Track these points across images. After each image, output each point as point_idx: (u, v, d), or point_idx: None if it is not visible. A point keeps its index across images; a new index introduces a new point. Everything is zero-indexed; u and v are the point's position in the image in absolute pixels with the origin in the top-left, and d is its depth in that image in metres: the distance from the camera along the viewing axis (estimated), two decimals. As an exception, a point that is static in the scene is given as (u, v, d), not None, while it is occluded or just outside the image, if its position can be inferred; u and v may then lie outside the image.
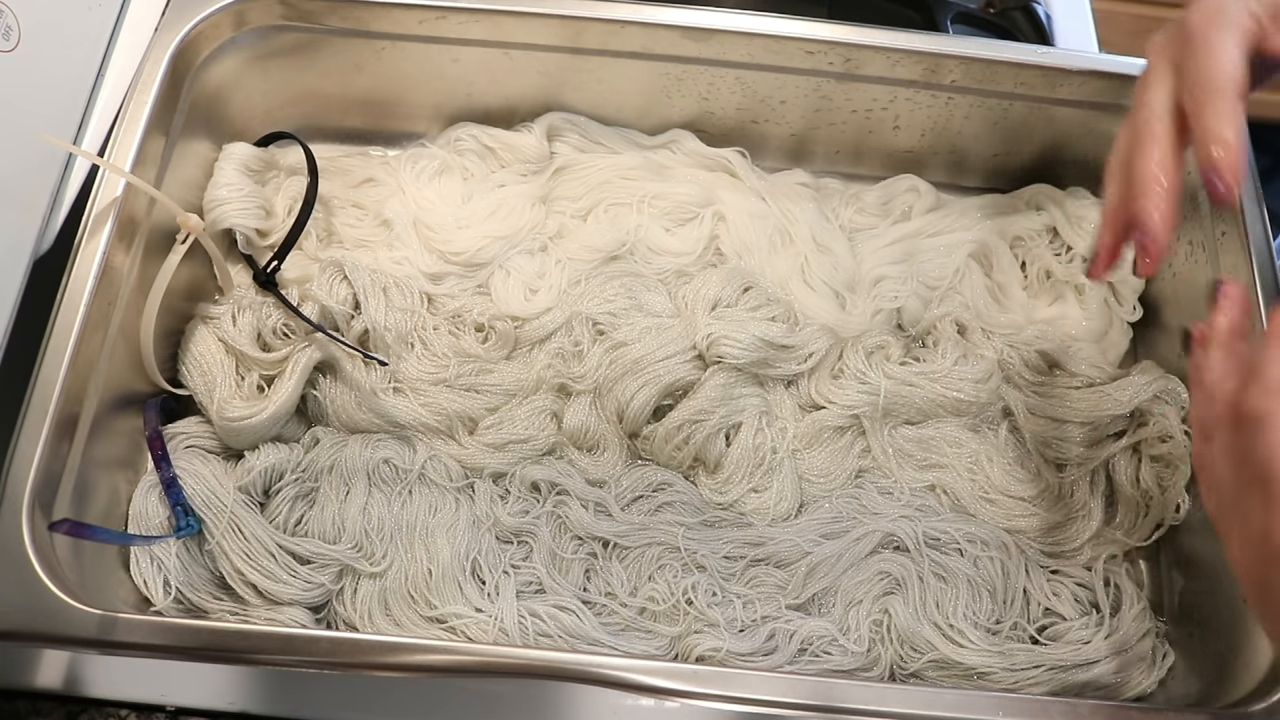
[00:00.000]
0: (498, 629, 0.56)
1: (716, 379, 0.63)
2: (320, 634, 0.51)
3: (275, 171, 0.69)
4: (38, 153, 0.57)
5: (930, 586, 0.59)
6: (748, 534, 0.61)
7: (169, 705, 0.58)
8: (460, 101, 0.72)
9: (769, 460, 0.63)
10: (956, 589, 0.59)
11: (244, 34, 0.66)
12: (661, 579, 0.59)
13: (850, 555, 0.60)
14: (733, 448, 0.63)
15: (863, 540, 0.61)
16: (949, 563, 0.60)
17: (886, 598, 0.59)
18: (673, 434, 0.62)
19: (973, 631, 0.58)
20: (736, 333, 0.63)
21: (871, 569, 0.60)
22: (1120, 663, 0.58)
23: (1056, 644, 0.58)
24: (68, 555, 0.52)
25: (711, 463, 0.63)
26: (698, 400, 0.62)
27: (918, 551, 0.60)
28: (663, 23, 0.66)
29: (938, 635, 0.58)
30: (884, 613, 0.59)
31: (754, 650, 0.57)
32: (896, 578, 0.60)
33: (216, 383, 0.60)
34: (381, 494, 0.60)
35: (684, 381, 0.63)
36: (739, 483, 0.62)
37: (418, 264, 0.66)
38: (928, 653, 0.57)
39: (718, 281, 0.66)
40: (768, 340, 0.63)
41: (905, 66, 0.67)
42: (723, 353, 0.63)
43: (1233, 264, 0.62)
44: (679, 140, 0.72)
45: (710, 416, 0.62)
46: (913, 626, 0.58)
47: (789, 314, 0.66)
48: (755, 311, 0.65)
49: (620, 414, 0.63)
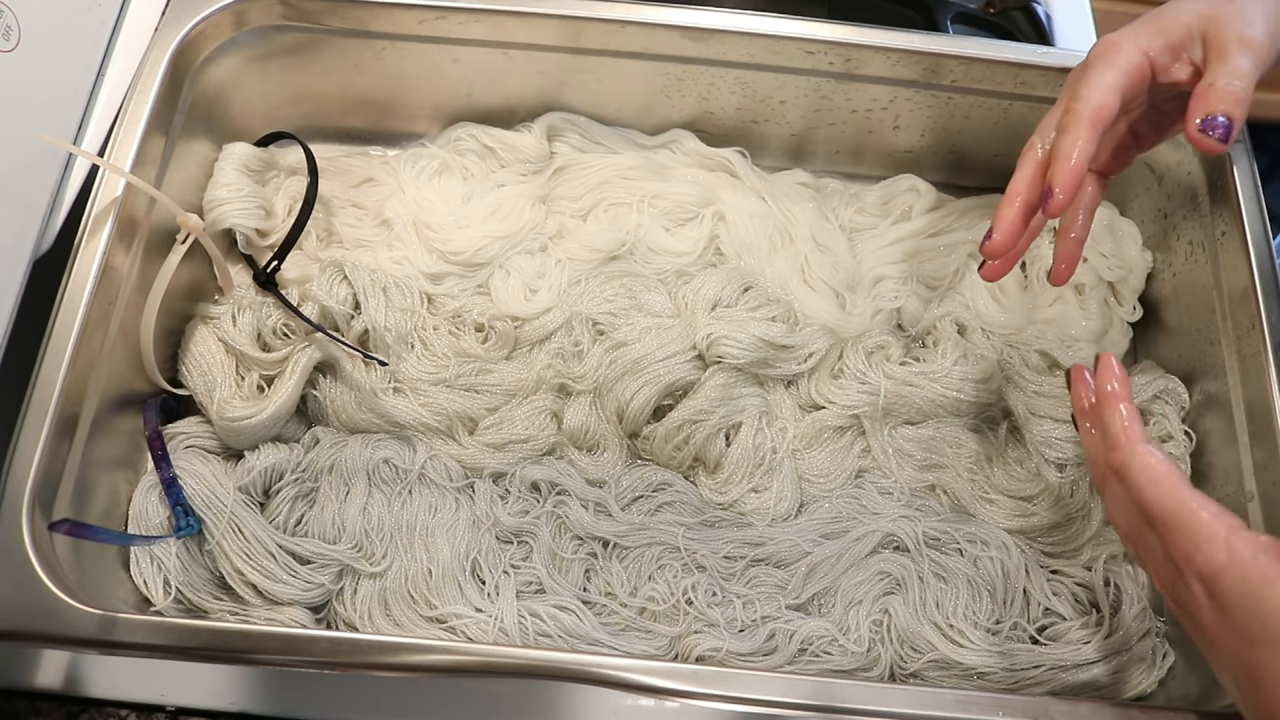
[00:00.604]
0: (497, 629, 0.56)
1: (716, 379, 0.63)
2: (320, 634, 0.51)
3: (275, 171, 0.69)
4: (38, 153, 0.57)
5: (930, 586, 0.59)
6: (747, 534, 0.61)
7: (169, 705, 0.58)
8: (460, 101, 0.72)
9: (769, 460, 0.63)
10: (957, 589, 0.59)
11: (244, 34, 0.66)
12: (661, 579, 0.59)
13: (850, 555, 0.60)
14: (733, 448, 0.63)
15: (863, 540, 0.61)
16: (949, 563, 0.60)
17: (886, 598, 0.59)
18: (673, 434, 0.62)
19: (972, 631, 0.58)
20: (736, 333, 0.63)
21: (871, 569, 0.60)
22: (1120, 663, 0.58)
23: (1056, 644, 0.58)
24: (68, 555, 0.52)
25: (711, 463, 0.63)
26: (698, 400, 0.62)
27: (918, 551, 0.60)
28: (663, 23, 0.66)
29: (938, 635, 0.58)
30: (884, 613, 0.59)
31: (754, 650, 0.57)
32: (896, 578, 0.60)
33: (216, 383, 0.60)
34: (381, 494, 0.60)
35: (684, 381, 0.63)
36: (739, 483, 0.63)
37: (417, 264, 0.66)
38: (928, 653, 0.57)
39: (717, 281, 0.66)
40: (768, 340, 0.63)
41: (905, 66, 0.67)
42: (723, 352, 0.63)
43: (1233, 264, 0.62)
44: (679, 140, 0.72)
45: (710, 416, 0.62)
46: (913, 626, 0.58)
47: (789, 314, 0.66)
48: (755, 311, 0.65)
49: (620, 414, 0.63)
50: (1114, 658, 0.58)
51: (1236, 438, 0.60)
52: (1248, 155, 0.64)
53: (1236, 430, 0.60)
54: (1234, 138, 0.51)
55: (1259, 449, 0.59)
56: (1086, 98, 0.52)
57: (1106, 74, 0.52)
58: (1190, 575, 0.45)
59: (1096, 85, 0.52)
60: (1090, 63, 0.53)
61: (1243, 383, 0.61)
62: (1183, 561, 0.45)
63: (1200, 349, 0.65)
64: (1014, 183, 0.54)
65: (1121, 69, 0.53)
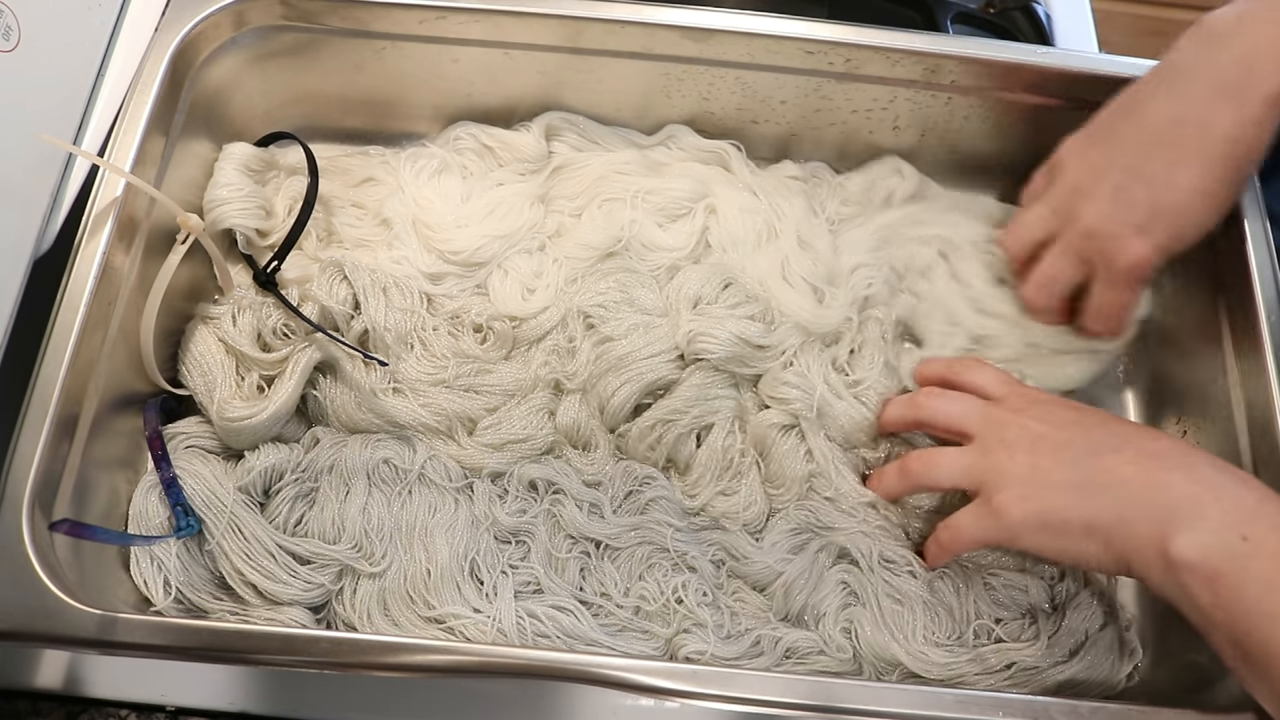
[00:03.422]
0: (496, 630, 0.56)
1: (695, 378, 0.63)
2: (320, 634, 0.51)
3: (275, 171, 0.69)
4: (38, 153, 0.57)
5: (886, 608, 0.58)
6: (725, 539, 0.60)
7: (169, 705, 0.58)
8: (460, 101, 0.72)
9: (736, 463, 0.63)
10: (913, 611, 0.58)
11: (244, 34, 0.66)
12: (651, 578, 0.58)
13: (817, 567, 0.60)
14: (701, 449, 0.63)
15: (822, 554, 0.60)
16: (902, 585, 0.59)
17: (849, 609, 0.59)
18: (646, 433, 0.62)
19: (934, 651, 0.57)
20: (715, 329, 0.62)
21: (833, 579, 0.60)
22: (1091, 660, 0.58)
23: (1020, 643, 0.58)
24: (68, 555, 0.52)
25: (682, 464, 0.63)
26: (673, 400, 0.62)
27: (870, 570, 0.60)
28: (663, 23, 0.66)
29: (903, 653, 0.57)
30: (849, 622, 0.58)
31: (739, 655, 0.56)
32: (854, 590, 0.59)
33: (216, 383, 0.60)
34: (381, 494, 0.60)
35: (665, 380, 0.63)
36: (708, 485, 0.62)
37: (417, 264, 0.66)
38: (899, 667, 0.57)
39: (698, 278, 0.65)
40: (745, 339, 0.63)
41: (905, 66, 0.67)
42: (701, 349, 0.62)
43: (1233, 265, 0.62)
44: (675, 135, 0.72)
45: (683, 416, 0.62)
46: (881, 640, 0.57)
47: (766, 312, 0.65)
48: (734, 309, 0.64)
49: (602, 409, 0.63)
50: (1083, 651, 0.58)
51: (1237, 438, 0.60)
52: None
53: (1236, 430, 0.60)
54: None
55: (1259, 449, 0.59)
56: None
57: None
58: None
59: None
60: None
61: (1243, 383, 0.61)
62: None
63: (1200, 350, 0.65)
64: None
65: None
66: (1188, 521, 0.49)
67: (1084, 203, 0.60)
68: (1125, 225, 0.58)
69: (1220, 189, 0.58)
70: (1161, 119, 0.58)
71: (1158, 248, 0.58)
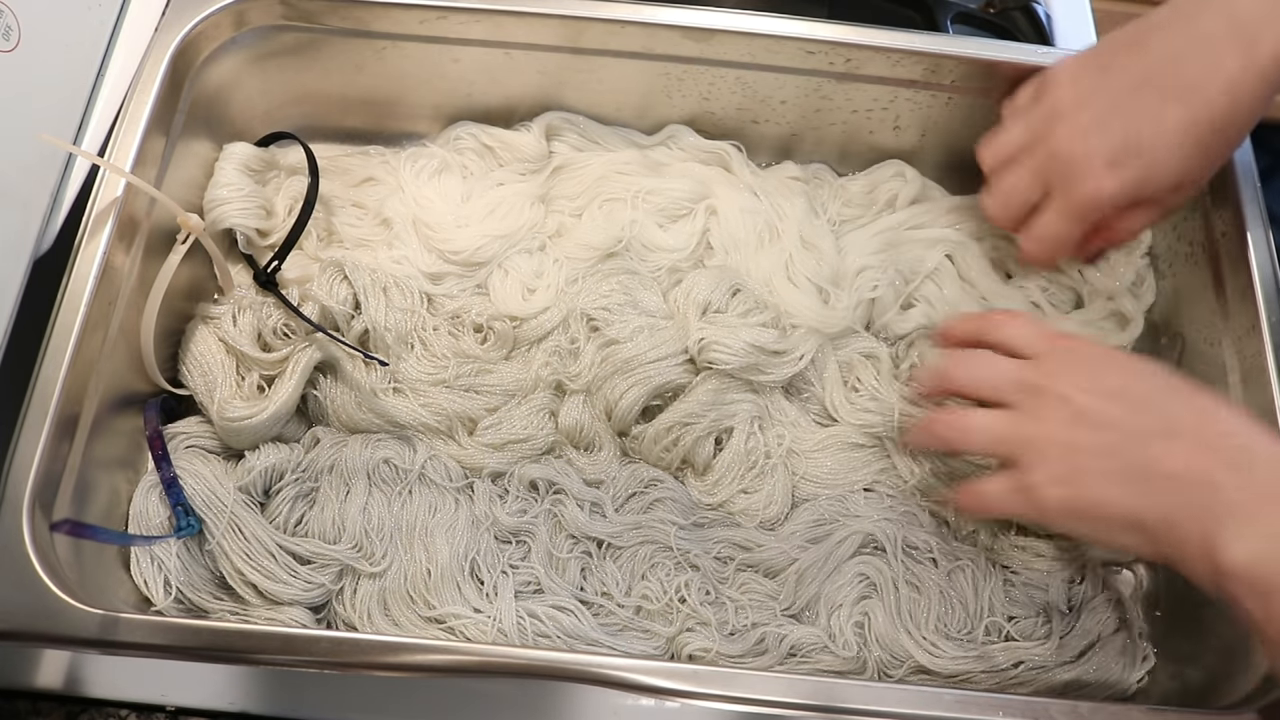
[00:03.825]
0: (496, 629, 0.56)
1: (708, 384, 0.63)
2: (320, 634, 0.51)
3: (275, 171, 0.69)
4: (38, 153, 0.57)
5: (904, 595, 0.59)
6: (736, 534, 0.61)
7: (169, 705, 0.58)
8: (460, 101, 0.72)
9: (761, 464, 0.63)
10: (929, 599, 0.59)
11: (244, 34, 0.66)
12: (654, 577, 0.58)
13: (835, 558, 0.60)
14: (724, 451, 0.63)
15: (844, 543, 0.60)
16: (922, 573, 0.60)
17: (865, 601, 0.59)
18: (662, 435, 0.62)
19: (944, 643, 0.58)
20: (728, 339, 0.62)
21: (851, 571, 0.60)
22: (1100, 662, 0.58)
23: (1029, 640, 0.58)
24: (68, 555, 0.52)
25: (700, 465, 0.63)
26: (688, 404, 0.62)
27: (894, 556, 0.60)
28: (663, 23, 0.66)
29: (913, 644, 0.57)
30: (864, 615, 0.58)
31: (744, 652, 0.57)
32: (874, 581, 0.60)
33: (217, 383, 0.60)
34: (381, 494, 0.60)
35: (674, 384, 0.63)
36: (729, 484, 0.62)
37: (417, 263, 0.66)
38: (907, 660, 0.57)
39: (707, 284, 0.65)
40: (759, 346, 0.63)
41: (905, 66, 0.67)
42: (714, 358, 0.62)
43: (1233, 265, 0.62)
44: (676, 135, 0.72)
45: (700, 420, 0.62)
46: (891, 633, 0.58)
47: (777, 318, 0.65)
48: (746, 317, 0.64)
49: (609, 412, 0.63)
50: (1095, 654, 0.58)
51: (1237, 438, 0.60)
52: (1248, 155, 0.64)
53: (1237, 430, 0.60)
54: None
55: (1259, 449, 0.58)
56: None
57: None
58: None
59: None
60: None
61: (1243, 383, 0.61)
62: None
63: (1200, 349, 0.65)
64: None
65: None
66: (1238, 528, 0.46)
67: (1060, 125, 0.58)
68: (1095, 156, 0.57)
69: (1208, 136, 0.55)
70: (1164, 54, 0.56)
71: (1122, 185, 0.56)
